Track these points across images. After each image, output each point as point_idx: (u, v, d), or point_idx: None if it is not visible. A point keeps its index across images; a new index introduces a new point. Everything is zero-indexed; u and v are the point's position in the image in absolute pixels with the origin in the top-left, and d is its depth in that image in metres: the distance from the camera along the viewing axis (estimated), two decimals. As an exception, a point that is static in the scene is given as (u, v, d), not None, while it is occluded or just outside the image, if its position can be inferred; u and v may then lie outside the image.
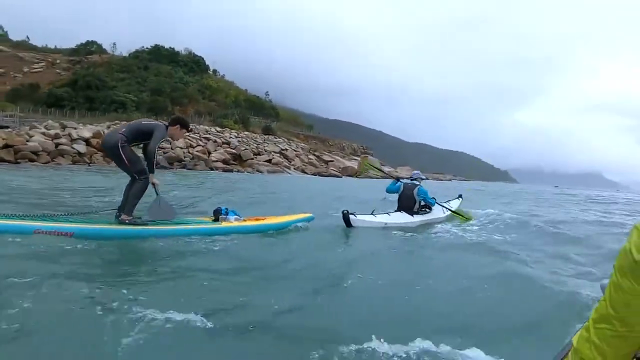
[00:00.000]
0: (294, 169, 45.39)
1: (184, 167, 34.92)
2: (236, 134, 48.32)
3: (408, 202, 7.95)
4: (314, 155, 55.86)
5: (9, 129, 27.15)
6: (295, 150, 52.34)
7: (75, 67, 65.05)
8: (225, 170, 36.65)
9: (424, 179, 8.52)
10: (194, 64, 68.15)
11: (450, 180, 74.40)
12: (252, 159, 42.89)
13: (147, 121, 5.25)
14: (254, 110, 68.53)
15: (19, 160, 22.60)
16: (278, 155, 47.03)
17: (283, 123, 71.77)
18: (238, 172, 37.61)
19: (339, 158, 63.54)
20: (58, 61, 68.47)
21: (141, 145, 5.20)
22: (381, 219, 7.40)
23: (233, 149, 42.82)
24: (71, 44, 74.49)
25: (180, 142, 39.03)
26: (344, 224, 6.95)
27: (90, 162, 28.05)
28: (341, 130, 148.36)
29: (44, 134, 27.43)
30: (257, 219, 6.13)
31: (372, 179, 46.15)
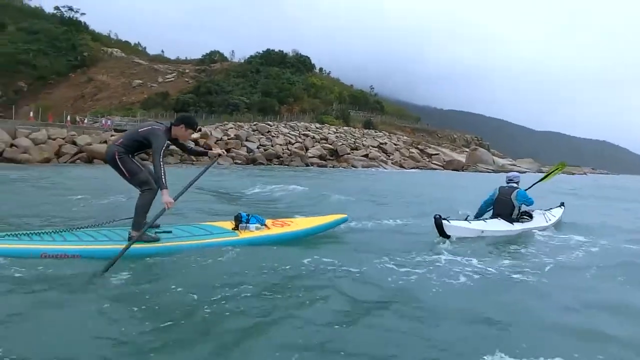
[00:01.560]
0: (392, 163, 44.75)
1: (281, 163, 36.95)
2: (335, 130, 49.40)
3: (505, 208, 6.89)
4: (417, 148, 54.31)
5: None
6: (395, 144, 51.54)
7: (200, 75, 72.87)
8: (319, 166, 37.85)
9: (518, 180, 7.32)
10: (300, 64, 71.34)
11: (585, 174, 65.32)
12: (349, 154, 43.43)
13: (143, 128, 4.65)
14: (359, 105, 69.21)
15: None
16: (376, 149, 46.85)
17: (388, 116, 71.10)
18: (332, 167, 38.53)
19: (446, 151, 60.82)
20: (187, 71, 77.29)
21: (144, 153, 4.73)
22: (477, 226, 6.47)
23: (330, 144, 43.90)
24: (198, 54, 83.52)
25: (280, 139, 41.44)
26: (437, 232, 5.98)
27: (195, 161, 31.44)
28: (456, 121, 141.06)
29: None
30: (283, 223, 5.61)
31: (482, 173, 43.20)
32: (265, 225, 5.28)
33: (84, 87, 68.81)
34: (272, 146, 39.36)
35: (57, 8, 75.78)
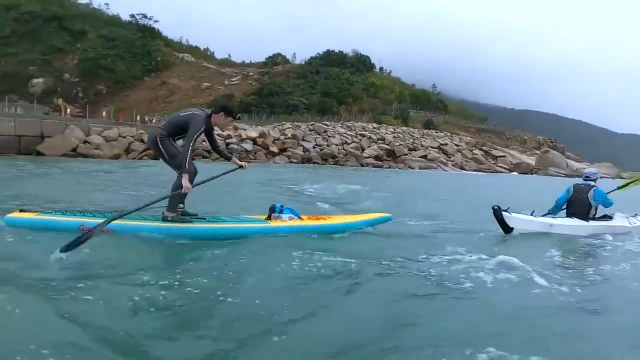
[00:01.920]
0: (452, 165, 43.00)
1: (336, 163, 36.79)
2: (392, 130, 48.47)
3: (581, 208, 6.26)
4: (481, 150, 51.79)
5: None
6: (457, 145, 49.53)
7: (263, 78, 74.88)
8: (375, 166, 37.21)
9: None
10: (360, 64, 70.90)
11: (673, 179, 58.44)
12: (406, 154, 42.36)
13: (185, 112, 4.85)
14: (420, 105, 67.50)
15: (194, 157, 27.94)
16: (435, 150, 45.29)
17: (451, 116, 68.62)
18: (388, 167, 37.73)
19: (514, 153, 57.51)
20: (251, 73, 79.77)
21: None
22: (544, 219, 5.99)
23: (387, 144, 43.08)
24: (262, 57, 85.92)
25: (336, 139, 41.27)
26: (498, 225, 5.55)
27: (254, 158, 32.27)
28: (528, 121, 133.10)
29: (219, 135, 33.04)
30: (318, 218, 5.43)
31: (553, 177, 40.16)
32: (300, 218, 5.19)
33: (157, 90, 73.37)
34: (327, 146, 39.36)
35: (132, 16, 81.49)
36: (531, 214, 5.92)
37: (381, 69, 78.64)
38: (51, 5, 73.46)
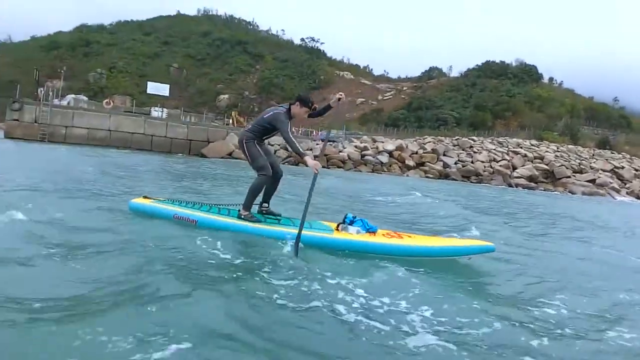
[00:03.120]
0: (627, 192, 35.89)
1: (479, 182, 34.42)
2: (555, 148, 42.90)
3: None
4: (671, 177, 41.93)
5: (334, 143, 35.34)
6: (636, 170, 41.12)
7: (416, 92, 74.62)
8: (526, 188, 33.55)
9: None
10: (525, 74, 64.74)
11: None
12: (569, 177, 36.99)
13: (267, 113, 4.99)
14: (597, 121, 58.18)
15: (329, 166, 29.78)
16: (608, 174, 38.40)
17: (635, 135, 57.25)
18: (543, 190, 33.57)
19: None
20: (405, 88, 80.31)
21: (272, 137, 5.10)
22: None
23: (546, 164, 38.35)
24: (419, 71, 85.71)
25: (483, 156, 38.49)
26: None
27: (387, 170, 32.59)
28: None
29: (356, 146, 34.25)
30: (398, 235, 4.68)
31: None
32: (373, 233, 4.58)
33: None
34: (472, 162, 37.08)
35: (302, 39, 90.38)
36: None
37: (551, 79, 70.33)
38: (238, 32, 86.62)
